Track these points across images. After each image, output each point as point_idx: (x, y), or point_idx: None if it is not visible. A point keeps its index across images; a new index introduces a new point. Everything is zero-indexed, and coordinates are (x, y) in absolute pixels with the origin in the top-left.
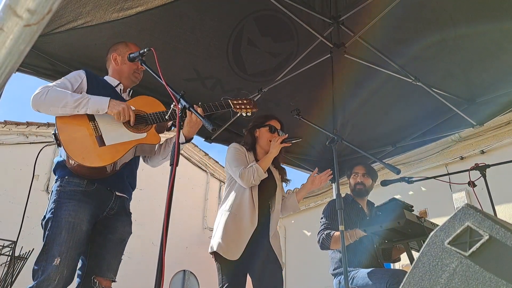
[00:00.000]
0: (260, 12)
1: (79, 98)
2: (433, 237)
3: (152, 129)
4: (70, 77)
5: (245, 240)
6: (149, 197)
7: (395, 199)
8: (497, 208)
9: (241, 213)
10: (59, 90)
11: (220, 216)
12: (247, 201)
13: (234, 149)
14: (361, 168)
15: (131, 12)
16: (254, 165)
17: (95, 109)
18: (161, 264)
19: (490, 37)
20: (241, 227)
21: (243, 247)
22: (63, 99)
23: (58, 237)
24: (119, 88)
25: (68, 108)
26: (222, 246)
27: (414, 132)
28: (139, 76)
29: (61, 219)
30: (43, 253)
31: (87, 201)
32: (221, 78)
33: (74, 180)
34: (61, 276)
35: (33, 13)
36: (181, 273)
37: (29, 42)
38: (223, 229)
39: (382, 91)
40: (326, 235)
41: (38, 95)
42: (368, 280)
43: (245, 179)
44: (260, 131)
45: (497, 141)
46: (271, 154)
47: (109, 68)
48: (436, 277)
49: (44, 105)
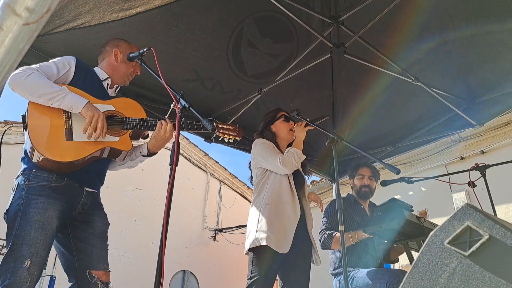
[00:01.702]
0: (260, 13)
1: (57, 91)
2: (433, 237)
3: (126, 134)
4: (59, 62)
5: (292, 231)
6: (148, 197)
7: (395, 199)
8: (497, 208)
9: (282, 204)
10: (40, 77)
11: (259, 209)
12: (286, 192)
13: (262, 143)
14: (368, 170)
15: (131, 13)
16: (291, 149)
17: (69, 106)
18: (160, 264)
19: (490, 38)
20: (286, 219)
21: (291, 239)
22: (40, 88)
23: (28, 237)
24: (106, 82)
25: (42, 99)
26: (272, 239)
27: (414, 132)
28: (131, 79)
29: (30, 217)
30: (11, 253)
31: (56, 197)
32: (220, 79)
33: (42, 174)
34: (32, 278)
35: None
36: (181, 273)
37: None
38: (268, 222)
39: (382, 91)
40: (328, 235)
41: (18, 75)
42: (368, 280)
43: (288, 163)
44: (276, 125)
45: (497, 141)
46: (299, 138)
47: (103, 61)
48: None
49: (21, 87)
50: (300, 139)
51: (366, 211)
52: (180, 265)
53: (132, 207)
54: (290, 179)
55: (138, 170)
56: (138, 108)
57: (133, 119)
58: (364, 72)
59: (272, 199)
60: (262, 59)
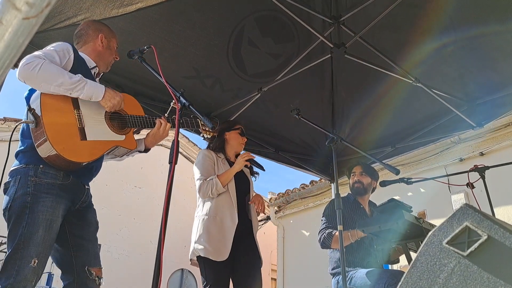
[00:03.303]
0: (261, 12)
1: (77, 80)
2: (432, 237)
3: (130, 133)
4: (59, 50)
5: (230, 239)
6: (147, 195)
7: (394, 200)
8: (495, 210)
9: (220, 214)
10: (54, 66)
11: (198, 222)
12: (224, 202)
13: (202, 156)
14: (358, 167)
15: (131, 9)
16: (214, 178)
17: (89, 95)
18: (159, 263)
19: (491, 40)
20: (223, 228)
21: (229, 246)
22: (59, 77)
23: (35, 236)
24: (93, 71)
25: (62, 88)
26: (209, 250)
27: (413, 133)
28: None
29: (38, 216)
30: (18, 251)
31: (63, 196)
32: (220, 78)
33: (50, 172)
34: (37, 277)
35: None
36: (179, 271)
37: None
38: (206, 233)
39: (382, 92)
40: (328, 234)
41: (31, 67)
42: (367, 280)
43: (202, 192)
44: (231, 134)
45: (497, 143)
46: (233, 169)
47: (86, 45)
48: (434, 277)
49: (36, 79)
50: (234, 170)
51: (365, 210)
52: (179, 264)
53: (131, 205)
54: (230, 190)
55: (137, 168)
56: (136, 104)
57: (135, 116)
58: (364, 72)
59: (211, 211)
60: (263, 59)
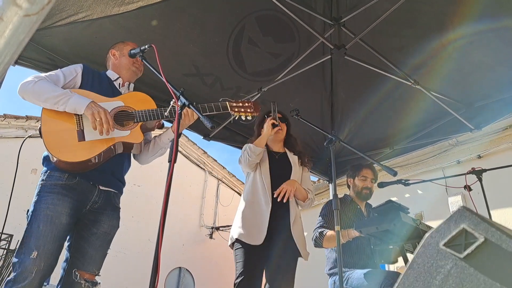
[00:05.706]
0: (262, 12)
1: (60, 94)
2: (428, 239)
3: (137, 127)
4: (65, 70)
5: (265, 222)
6: (146, 194)
7: (391, 201)
8: (492, 212)
9: (255, 198)
10: (46, 83)
11: (239, 207)
12: (258, 185)
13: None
14: (371, 173)
15: (132, 7)
16: (246, 146)
17: (73, 108)
18: (156, 261)
19: (489, 42)
20: (258, 211)
21: (265, 230)
22: (45, 93)
23: (36, 230)
24: (117, 82)
25: (48, 104)
26: (242, 233)
27: (411, 135)
28: (139, 66)
29: (39, 212)
30: (22, 246)
31: (66, 194)
32: (220, 76)
33: (55, 174)
34: (39, 269)
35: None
36: (177, 270)
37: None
38: (241, 217)
39: (381, 93)
40: (319, 234)
41: (27, 84)
42: (363, 280)
43: (242, 161)
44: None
45: (494, 146)
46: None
47: (108, 64)
48: (431, 279)
49: (30, 95)
50: (264, 134)
51: (362, 211)
52: (176, 262)
53: (130, 204)
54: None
55: (136, 166)
56: (147, 99)
57: (142, 111)
58: (364, 74)
59: (247, 196)
60: (263, 58)
